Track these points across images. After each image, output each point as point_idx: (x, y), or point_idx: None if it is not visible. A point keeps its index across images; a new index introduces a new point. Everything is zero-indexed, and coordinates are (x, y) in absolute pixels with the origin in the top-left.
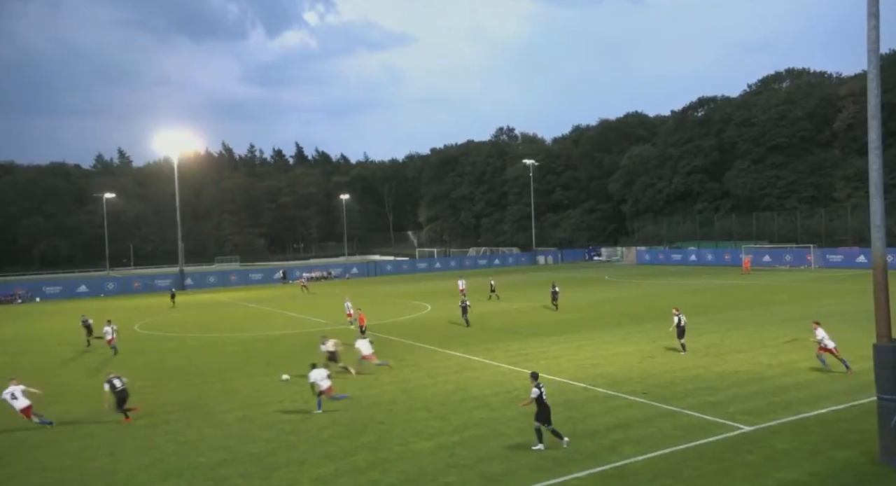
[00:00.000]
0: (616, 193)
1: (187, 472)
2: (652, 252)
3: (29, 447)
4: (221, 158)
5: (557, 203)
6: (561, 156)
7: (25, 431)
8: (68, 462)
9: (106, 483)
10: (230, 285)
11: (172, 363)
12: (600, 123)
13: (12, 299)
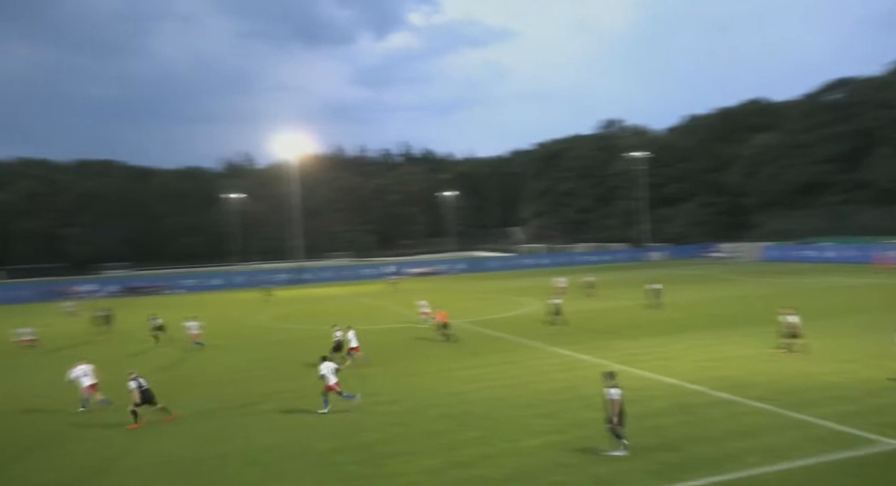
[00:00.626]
0: (735, 186)
1: (307, 455)
2: (780, 248)
3: (166, 434)
4: (334, 159)
5: (669, 197)
6: (673, 147)
7: (158, 422)
8: (204, 445)
9: (242, 461)
10: (343, 280)
11: (290, 353)
12: (717, 111)
13: (158, 290)
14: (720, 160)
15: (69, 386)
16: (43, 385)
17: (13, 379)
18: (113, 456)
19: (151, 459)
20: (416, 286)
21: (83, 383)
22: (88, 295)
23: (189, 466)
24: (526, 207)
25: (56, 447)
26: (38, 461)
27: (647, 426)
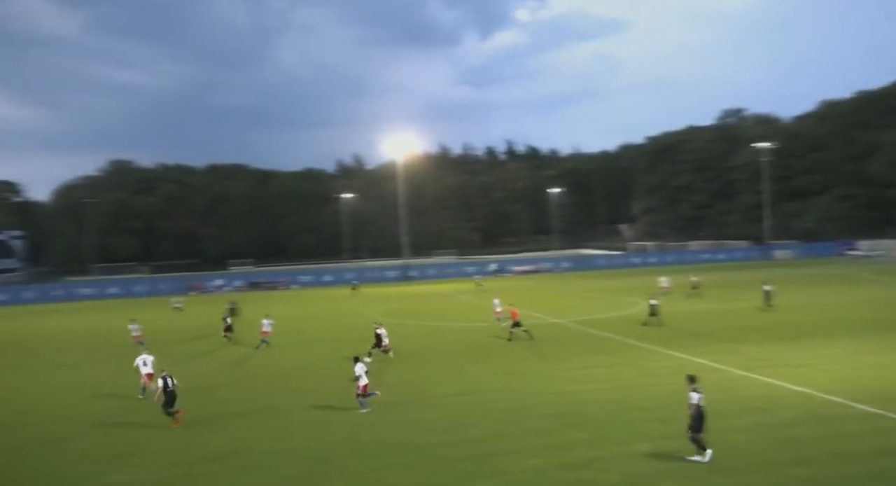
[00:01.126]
0: (879, 176)
1: (414, 449)
2: None
3: (282, 425)
4: (439, 158)
5: (799, 190)
6: (803, 136)
7: (261, 413)
8: (315, 433)
9: (349, 449)
10: (447, 277)
11: (400, 348)
12: (856, 95)
13: (277, 285)
14: (860, 148)
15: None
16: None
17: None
18: (241, 439)
19: (283, 444)
20: (512, 285)
21: (142, 371)
22: (217, 289)
23: (300, 452)
24: (635, 203)
25: (191, 428)
26: (174, 441)
27: (776, 438)
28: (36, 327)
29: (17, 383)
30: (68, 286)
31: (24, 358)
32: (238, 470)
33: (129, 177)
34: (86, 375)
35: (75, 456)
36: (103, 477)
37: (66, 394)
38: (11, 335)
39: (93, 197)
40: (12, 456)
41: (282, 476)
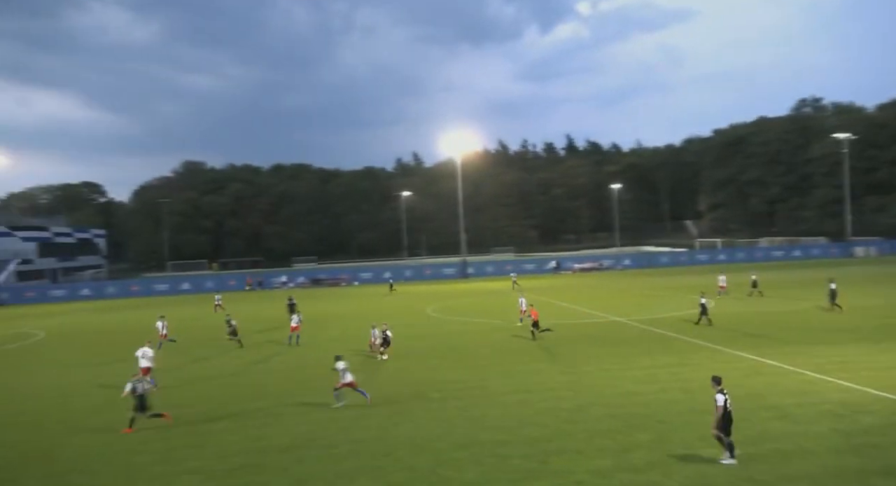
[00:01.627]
0: None
1: (474, 446)
2: None
3: (341, 418)
4: (497, 155)
5: (882, 183)
6: (889, 126)
7: (333, 409)
8: (376, 428)
9: (410, 446)
10: (506, 274)
11: (458, 345)
12: None
13: (339, 282)
14: None
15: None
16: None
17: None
18: (300, 432)
19: (345, 437)
20: (571, 282)
21: (140, 364)
22: (282, 286)
23: (361, 446)
24: (702, 198)
25: (246, 421)
26: (247, 431)
27: (856, 445)
28: (121, 321)
29: (90, 376)
30: (145, 282)
31: (101, 351)
32: (300, 462)
33: (201, 177)
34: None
35: (138, 445)
36: (172, 465)
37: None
38: (103, 327)
39: (167, 197)
40: (79, 445)
41: (345, 469)
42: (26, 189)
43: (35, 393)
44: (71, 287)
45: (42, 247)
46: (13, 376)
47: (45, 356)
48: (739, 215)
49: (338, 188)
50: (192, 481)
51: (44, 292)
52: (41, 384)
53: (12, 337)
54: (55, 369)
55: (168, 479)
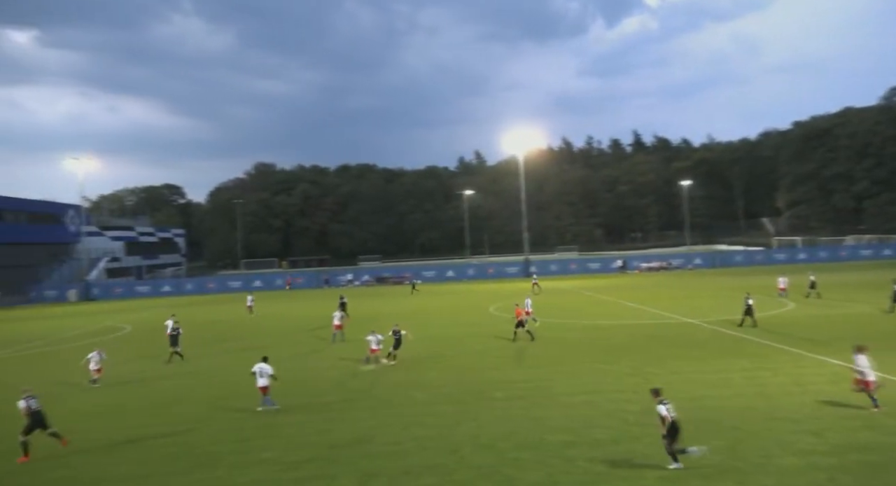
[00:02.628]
0: None
1: (539, 447)
2: None
3: (405, 415)
4: (561, 152)
5: None
6: None
7: (381, 404)
8: (440, 426)
9: (472, 445)
10: (569, 273)
11: (522, 345)
12: None
13: (402, 280)
14: None
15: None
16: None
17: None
18: (363, 428)
19: (408, 434)
20: (638, 282)
21: (90, 365)
22: (348, 284)
23: (425, 443)
24: (780, 194)
25: (308, 416)
26: (314, 425)
27: None
28: (197, 316)
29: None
30: (220, 279)
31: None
32: (365, 457)
33: (271, 178)
34: (231, 360)
35: (205, 438)
36: (246, 455)
37: (202, 379)
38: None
39: (240, 198)
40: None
41: (410, 465)
42: (114, 191)
43: (116, 383)
44: (154, 284)
45: (128, 246)
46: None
47: (129, 349)
48: (822, 212)
49: (401, 188)
50: (266, 470)
51: (130, 287)
52: (122, 375)
53: (103, 330)
54: (137, 361)
55: (243, 468)
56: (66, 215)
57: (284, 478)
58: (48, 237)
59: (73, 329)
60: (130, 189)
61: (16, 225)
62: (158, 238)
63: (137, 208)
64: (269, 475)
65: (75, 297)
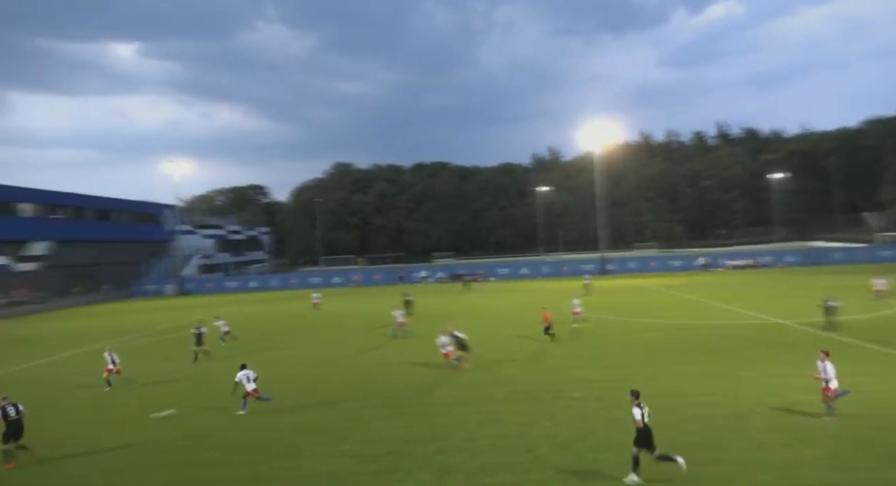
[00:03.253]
0: None
1: (619, 449)
2: None
3: (481, 412)
4: (640, 146)
5: None
6: None
7: (456, 401)
8: (516, 424)
9: (549, 444)
10: (649, 271)
11: (599, 343)
12: None
13: (476, 277)
14: None
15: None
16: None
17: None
18: (440, 424)
19: (484, 431)
20: (724, 280)
21: (105, 364)
22: (423, 280)
23: (501, 441)
24: (885, 187)
25: (387, 410)
26: (392, 419)
27: None
28: (281, 310)
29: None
30: (302, 276)
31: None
32: (441, 453)
33: (349, 177)
34: (302, 353)
35: (288, 428)
36: (328, 446)
37: (283, 368)
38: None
39: (320, 197)
40: (248, 422)
41: (485, 463)
42: (206, 192)
43: (207, 371)
44: (241, 280)
45: (219, 243)
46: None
47: (218, 342)
48: None
49: (475, 185)
50: (345, 462)
51: (220, 283)
52: (212, 365)
53: (195, 323)
54: (229, 352)
55: (325, 459)
56: (164, 215)
57: (363, 470)
58: (148, 235)
59: (168, 322)
60: (220, 190)
61: (121, 224)
62: (245, 236)
63: (226, 208)
64: (348, 466)
65: (172, 291)
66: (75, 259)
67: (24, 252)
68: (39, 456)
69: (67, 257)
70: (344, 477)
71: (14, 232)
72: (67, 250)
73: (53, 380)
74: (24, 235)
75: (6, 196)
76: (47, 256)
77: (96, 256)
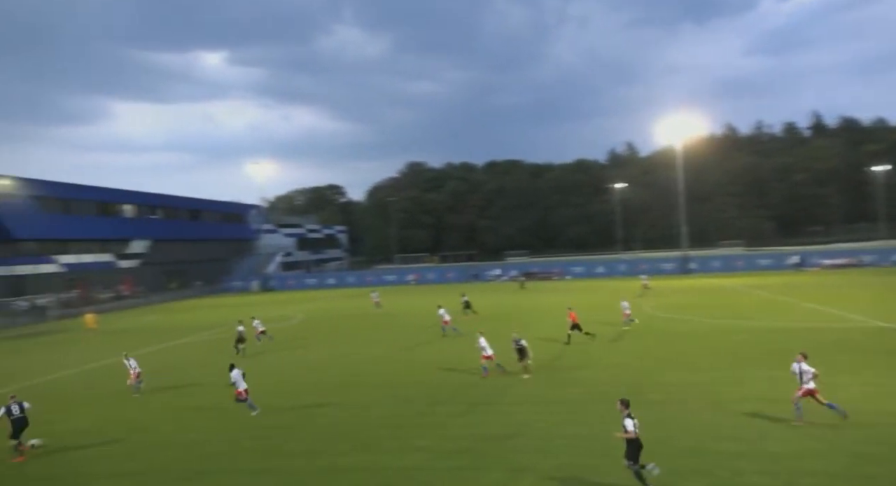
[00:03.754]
0: None
1: (703, 456)
2: None
3: (556, 413)
4: (724, 139)
5: None
6: None
7: (529, 401)
8: (589, 426)
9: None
10: (735, 270)
11: (681, 346)
12: None
13: (550, 275)
14: None
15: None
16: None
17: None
18: (516, 423)
19: (559, 432)
20: (820, 280)
21: (129, 370)
22: (495, 278)
23: (577, 442)
24: None
25: (484, 406)
26: (466, 416)
27: None
28: (358, 307)
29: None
30: (377, 273)
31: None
32: (515, 452)
33: (422, 176)
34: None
35: (373, 420)
36: (402, 441)
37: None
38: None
39: (394, 196)
40: (327, 416)
41: (560, 463)
42: (287, 192)
43: (298, 362)
44: (320, 277)
45: (299, 242)
46: (277, 353)
47: (304, 336)
48: None
49: (548, 182)
50: (420, 457)
51: (300, 280)
52: (298, 358)
53: (278, 318)
54: (312, 346)
55: (399, 453)
56: (249, 215)
57: (437, 466)
58: (235, 234)
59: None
60: (299, 190)
61: (210, 224)
62: (324, 235)
63: (305, 208)
64: (422, 461)
65: (256, 288)
66: (170, 257)
67: (126, 250)
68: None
69: (163, 255)
70: (418, 472)
71: (118, 232)
72: (163, 248)
73: (156, 369)
74: (127, 234)
75: (112, 198)
76: (145, 254)
77: (188, 254)
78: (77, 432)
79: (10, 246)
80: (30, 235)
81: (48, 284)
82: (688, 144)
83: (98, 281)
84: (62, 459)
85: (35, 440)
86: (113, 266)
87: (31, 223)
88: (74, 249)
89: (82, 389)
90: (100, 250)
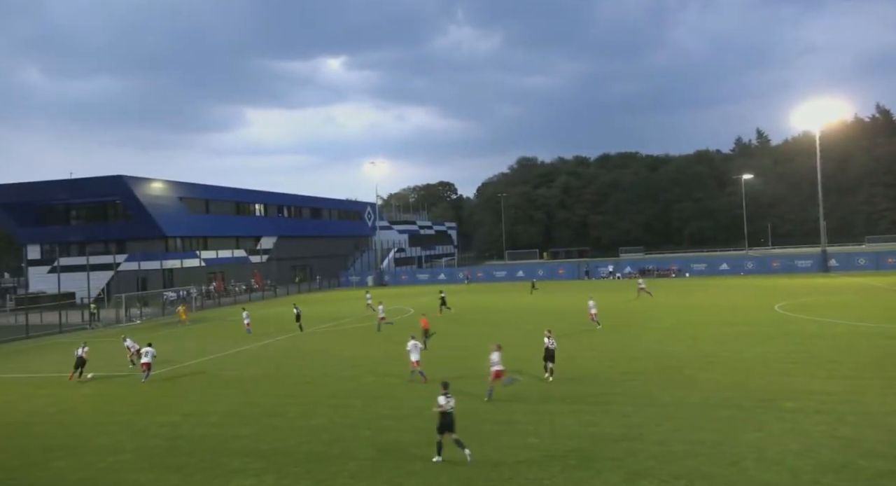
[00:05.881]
0: None
1: (847, 471)
2: None
3: (676, 417)
4: (874, 123)
5: None
6: None
7: (646, 402)
8: (713, 432)
9: (756, 458)
10: (885, 269)
11: (817, 350)
12: None
13: (668, 273)
14: None
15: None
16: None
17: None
18: (629, 425)
19: (679, 437)
20: None
21: (141, 358)
22: (608, 276)
23: (700, 448)
24: None
25: (598, 406)
26: (579, 415)
27: None
28: (467, 303)
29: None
30: (487, 269)
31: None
32: (631, 455)
33: (533, 172)
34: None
35: (481, 414)
36: (514, 437)
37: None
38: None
39: (504, 192)
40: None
41: (680, 470)
42: (400, 190)
43: (388, 358)
44: (431, 272)
45: (411, 238)
46: (381, 343)
47: (417, 328)
48: None
49: (667, 175)
50: (533, 455)
51: (413, 275)
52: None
53: (393, 312)
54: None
55: (512, 450)
56: (365, 212)
57: (550, 465)
58: (353, 231)
59: (369, 310)
60: (412, 188)
61: (331, 221)
62: (435, 231)
63: (418, 205)
64: (535, 460)
65: (372, 282)
66: (295, 252)
67: (257, 246)
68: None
69: (288, 251)
70: (531, 470)
71: (251, 229)
72: (288, 244)
73: (285, 351)
74: (258, 232)
75: (246, 199)
76: (273, 249)
77: (310, 249)
78: (219, 413)
79: (162, 243)
80: (178, 233)
81: (192, 277)
82: (828, 131)
83: (232, 275)
84: (202, 435)
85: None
86: (245, 261)
87: (179, 222)
88: (213, 245)
89: (227, 371)
90: (235, 246)
